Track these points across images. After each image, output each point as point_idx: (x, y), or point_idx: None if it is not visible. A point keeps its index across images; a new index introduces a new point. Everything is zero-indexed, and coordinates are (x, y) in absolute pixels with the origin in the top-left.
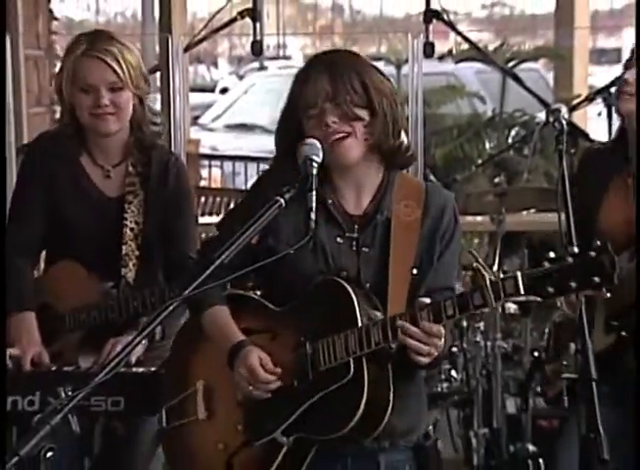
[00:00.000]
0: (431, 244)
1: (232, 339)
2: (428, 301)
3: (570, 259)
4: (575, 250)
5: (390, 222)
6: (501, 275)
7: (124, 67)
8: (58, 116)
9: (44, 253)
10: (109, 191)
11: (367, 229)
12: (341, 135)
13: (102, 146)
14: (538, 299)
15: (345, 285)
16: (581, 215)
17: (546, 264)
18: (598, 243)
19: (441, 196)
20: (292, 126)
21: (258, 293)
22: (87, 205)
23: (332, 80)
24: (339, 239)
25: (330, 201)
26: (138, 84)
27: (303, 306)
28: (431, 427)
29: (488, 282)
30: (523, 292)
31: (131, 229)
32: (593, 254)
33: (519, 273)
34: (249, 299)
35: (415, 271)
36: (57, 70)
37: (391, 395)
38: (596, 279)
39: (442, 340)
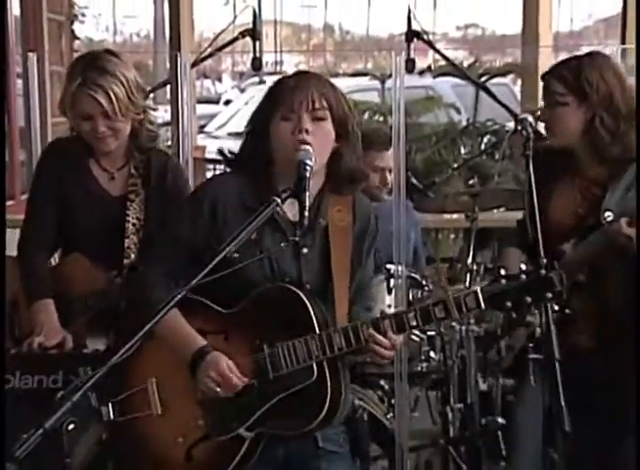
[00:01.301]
0: (360, 246)
1: (193, 343)
2: (391, 311)
3: (523, 277)
4: (524, 267)
5: (328, 228)
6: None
7: (113, 99)
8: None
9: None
10: (113, 191)
11: (307, 235)
12: (307, 147)
13: (105, 153)
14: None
15: (298, 292)
16: (532, 209)
17: (503, 281)
18: (544, 261)
19: (366, 205)
20: (262, 129)
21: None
22: (94, 203)
23: (319, 94)
24: (282, 244)
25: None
26: (129, 108)
27: (254, 310)
28: (357, 401)
29: (451, 298)
30: (482, 306)
31: (133, 224)
32: (543, 272)
33: (478, 289)
34: (196, 301)
35: (349, 269)
36: (61, 96)
37: (344, 388)
38: (548, 295)
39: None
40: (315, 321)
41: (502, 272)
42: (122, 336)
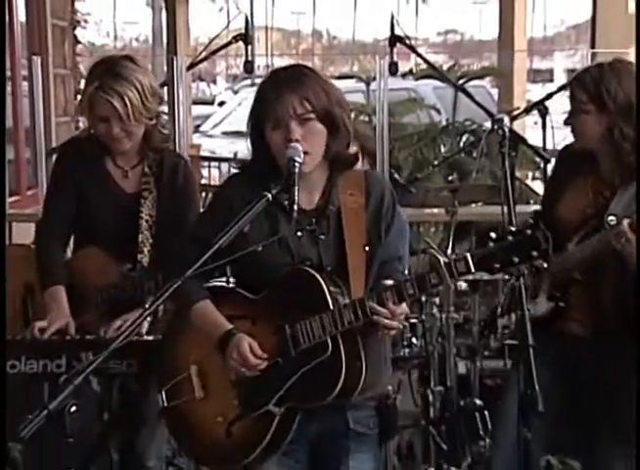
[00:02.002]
0: (376, 223)
1: (221, 328)
2: (391, 283)
3: (510, 238)
4: (513, 228)
5: (340, 212)
6: (453, 256)
7: (127, 103)
8: (81, 125)
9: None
10: (127, 188)
11: (321, 220)
12: (295, 144)
13: (120, 152)
14: (486, 276)
15: (315, 274)
16: (547, 202)
17: (490, 244)
18: (531, 221)
19: (379, 182)
20: (259, 136)
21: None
22: (109, 199)
23: (299, 99)
24: (298, 233)
25: (286, 202)
26: (142, 112)
27: (277, 294)
28: (390, 388)
29: (442, 263)
30: (473, 269)
31: (146, 221)
32: (529, 231)
33: (468, 254)
34: (227, 289)
35: (367, 249)
36: (80, 97)
37: (363, 363)
38: (534, 253)
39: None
40: (330, 299)
41: (492, 236)
42: None
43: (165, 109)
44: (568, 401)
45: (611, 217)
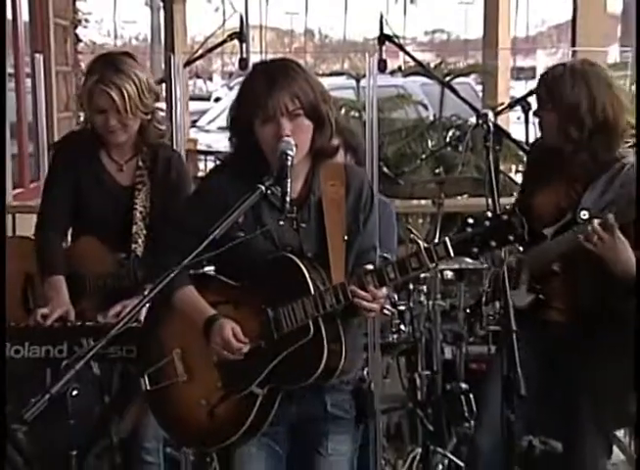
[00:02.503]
0: (356, 214)
1: (204, 313)
2: (371, 267)
3: (487, 223)
4: (489, 214)
5: (321, 201)
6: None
7: (125, 96)
8: (82, 119)
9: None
10: (122, 181)
11: (303, 209)
12: (287, 139)
13: (115, 146)
14: (471, 265)
15: (296, 260)
16: (525, 196)
17: (469, 229)
18: (506, 207)
19: (359, 175)
20: (245, 130)
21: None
22: (105, 192)
23: (290, 96)
24: (280, 221)
25: (270, 191)
26: (138, 106)
27: (259, 280)
28: (366, 371)
29: (423, 248)
30: (452, 253)
31: (140, 212)
32: (505, 217)
33: (447, 238)
34: (209, 277)
35: (346, 238)
36: (79, 90)
37: (344, 345)
38: (510, 237)
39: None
40: (311, 284)
41: (469, 221)
42: None
43: (162, 105)
44: (548, 385)
45: (583, 212)
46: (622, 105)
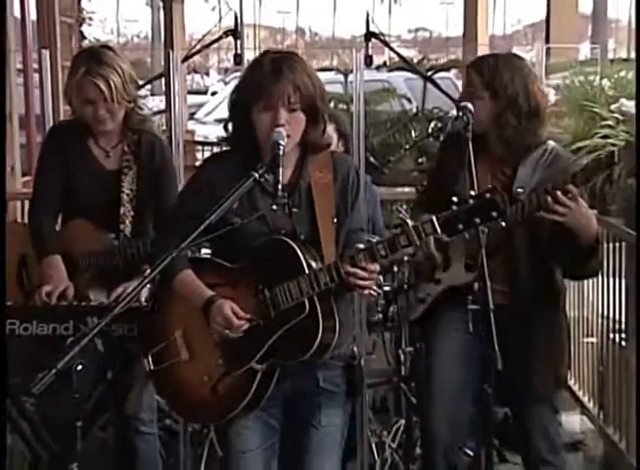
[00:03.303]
0: (343, 198)
1: (203, 295)
2: (362, 246)
3: (471, 201)
4: (473, 193)
5: (311, 187)
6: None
7: (112, 86)
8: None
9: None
10: (109, 165)
11: (294, 195)
12: (280, 129)
13: (103, 133)
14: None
15: (290, 241)
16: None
17: (453, 208)
18: (490, 186)
19: (345, 161)
20: (245, 114)
21: (207, 252)
22: (93, 176)
23: (293, 88)
24: (273, 206)
25: (263, 179)
26: (123, 95)
27: (255, 262)
28: (356, 348)
29: (411, 226)
30: (439, 231)
31: (127, 194)
32: (488, 195)
33: (433, 217)
34: (206, 260)
35: (335, 220)
36: (65, 84)
37: (337, 322)
38: (494, 213)
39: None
40: (305, 264)
41: (454, 200)
42: None
43: (141, 93)
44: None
45: (519, 189)
46: (545, 95)
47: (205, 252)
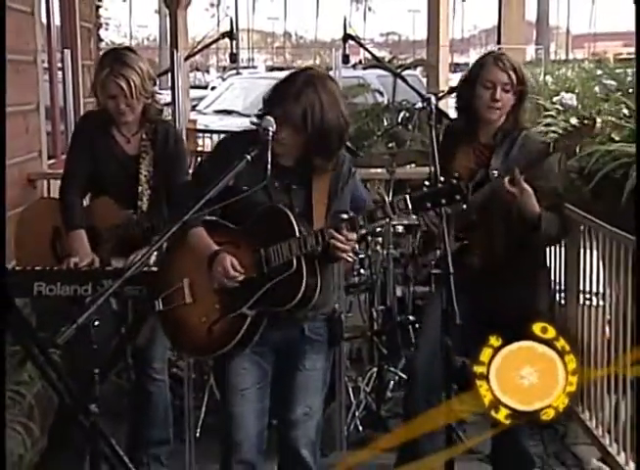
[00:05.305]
0: (336, 183)
1: (210, 248)
2: (345, 216)
3: (439, 185)
4: (442, 179)
5: (309, 170)
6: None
7: (132, 84)
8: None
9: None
10: (130, 151)
11: (297, 175)
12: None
13: (124, 123)
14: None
15: (285, 209)
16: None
17: (425, 189)
18: (456, 175)
19: (342, 152)
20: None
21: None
22: (116, 160)
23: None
24: (276, 183)
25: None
26: (141, 92)
27: (255, 225)
28: (337, 306)
29: (387, 202)
30: (410, 207)
31: (144, 176)
32: (454, 181)
33: (407, 195)
34: (216, 222)
35: (327, 200)
36: (93, 81)
37: (319, 279)
38: (457, 197)
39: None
40: (297, 229)
41: (426, 183)
42: None
43: (157, 89)
44: (474, 315)
45: (493, 171)
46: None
47: (212, 217)
